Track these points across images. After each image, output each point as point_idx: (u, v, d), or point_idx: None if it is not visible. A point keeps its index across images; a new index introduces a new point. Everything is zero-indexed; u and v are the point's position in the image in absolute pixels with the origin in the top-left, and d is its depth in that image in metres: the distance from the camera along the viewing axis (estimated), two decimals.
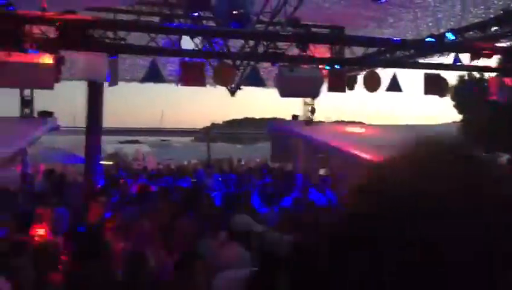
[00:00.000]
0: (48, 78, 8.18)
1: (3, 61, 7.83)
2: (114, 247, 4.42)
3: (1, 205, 6.47)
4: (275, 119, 26.89)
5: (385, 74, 10.81)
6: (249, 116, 72.33)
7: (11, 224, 4.68)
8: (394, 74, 10.60)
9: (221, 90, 13.22)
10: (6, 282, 3.24)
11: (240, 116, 72.95)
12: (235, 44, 12.16)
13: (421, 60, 11.09)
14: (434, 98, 10.98)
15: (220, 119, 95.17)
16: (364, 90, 10.49)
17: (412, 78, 12.91)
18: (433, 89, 10.92)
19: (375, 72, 10.56)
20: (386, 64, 10.97)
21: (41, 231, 4.58)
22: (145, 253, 4.12)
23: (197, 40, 10.48)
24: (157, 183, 12.52)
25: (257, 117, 69.14)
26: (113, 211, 6.79)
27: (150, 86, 12.60)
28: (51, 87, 8.32)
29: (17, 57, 7.92)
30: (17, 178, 11.96)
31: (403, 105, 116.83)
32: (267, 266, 2.55)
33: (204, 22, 10.70)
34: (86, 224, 5.71)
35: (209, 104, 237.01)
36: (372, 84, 10.36)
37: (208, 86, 12.67)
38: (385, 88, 10.79)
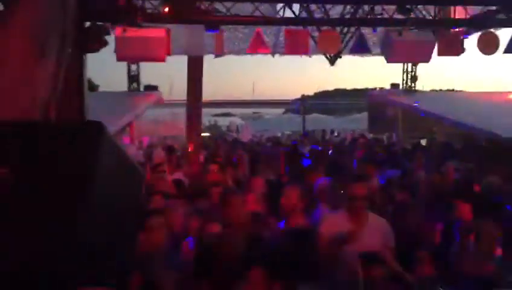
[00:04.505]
0: (160, 51, 8.42)
1: (120, 36, 8.16)
2: None
3: None
4: (367, 89, 26.05)
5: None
6: (340, 87, 70.60)
7: None
8: None
9: (312, 62, 13.01)
10: None
11: (330, 87, 71.40)
12: (331, 13, 11.84)
13: None
14: None
15: (310, 91, 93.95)
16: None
17: None
18: None
19: (493, 32, 9.66)
20: (505, 24, 10.00)
21: None
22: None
23: (295, 9, 10.30)
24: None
25: (348, 88, 67.32)
26: None
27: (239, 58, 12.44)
28: (162, 60, 8.57)
29: (131, 32, 8.20)
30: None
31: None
32: None
33: None
34: None
35: (298, 76, 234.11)
36: (489, 46, 9.50)
37: (302, 56, 12.55)
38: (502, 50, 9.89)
